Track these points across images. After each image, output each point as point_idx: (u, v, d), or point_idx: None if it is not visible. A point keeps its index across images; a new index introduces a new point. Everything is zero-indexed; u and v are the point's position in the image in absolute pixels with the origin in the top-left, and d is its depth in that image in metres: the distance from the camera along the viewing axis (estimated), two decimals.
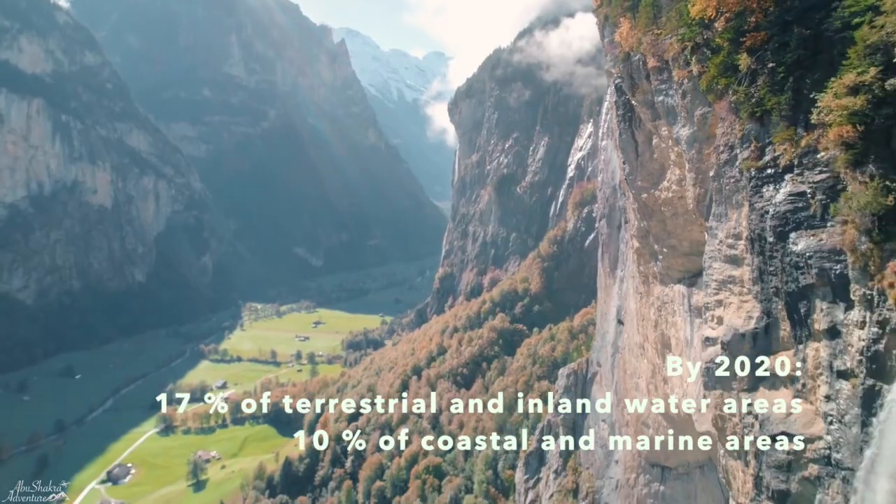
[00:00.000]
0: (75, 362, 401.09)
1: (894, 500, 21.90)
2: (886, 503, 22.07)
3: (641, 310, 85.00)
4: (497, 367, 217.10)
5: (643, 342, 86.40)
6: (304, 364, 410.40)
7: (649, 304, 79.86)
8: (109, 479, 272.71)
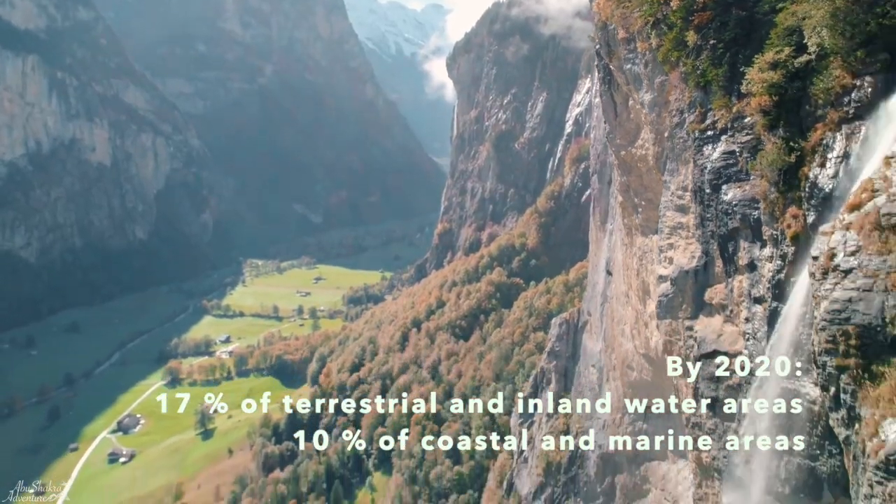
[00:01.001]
0: (80, 318, 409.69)
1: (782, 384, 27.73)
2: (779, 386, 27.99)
3: (626, 260, 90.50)
4: (494, 320, 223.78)
5: (628, 290, 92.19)
6: (306, 319, 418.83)
7: (632, 254, 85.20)
8: (119, 429, 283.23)
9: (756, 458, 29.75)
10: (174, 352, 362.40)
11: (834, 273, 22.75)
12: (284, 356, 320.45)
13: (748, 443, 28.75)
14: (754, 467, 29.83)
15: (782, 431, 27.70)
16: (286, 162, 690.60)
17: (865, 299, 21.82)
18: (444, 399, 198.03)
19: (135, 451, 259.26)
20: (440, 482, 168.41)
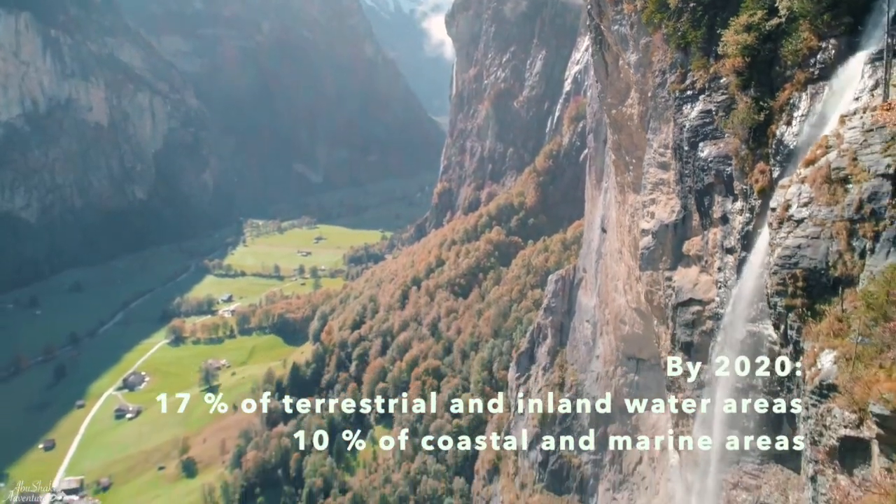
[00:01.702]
0: (82, 278, 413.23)
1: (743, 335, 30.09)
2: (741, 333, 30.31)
3: (619, 217, 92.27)
4: (493, 278, 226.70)
5: (621, 247, 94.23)
6: (307, 278, 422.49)
7: (625, 211, 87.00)
8: (125, 386, 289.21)
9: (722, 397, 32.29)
10: (177, 311, 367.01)
11: (788, 223, 24.67)
12: (286, 315, 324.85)
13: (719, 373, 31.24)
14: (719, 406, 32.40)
15: (747, 370, 30.04)
16: (285, 121, 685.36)
17: (813, 246, 23.78)
18: (443, 355, 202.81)
19: (141, 408, 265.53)
20: (440, 435, 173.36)
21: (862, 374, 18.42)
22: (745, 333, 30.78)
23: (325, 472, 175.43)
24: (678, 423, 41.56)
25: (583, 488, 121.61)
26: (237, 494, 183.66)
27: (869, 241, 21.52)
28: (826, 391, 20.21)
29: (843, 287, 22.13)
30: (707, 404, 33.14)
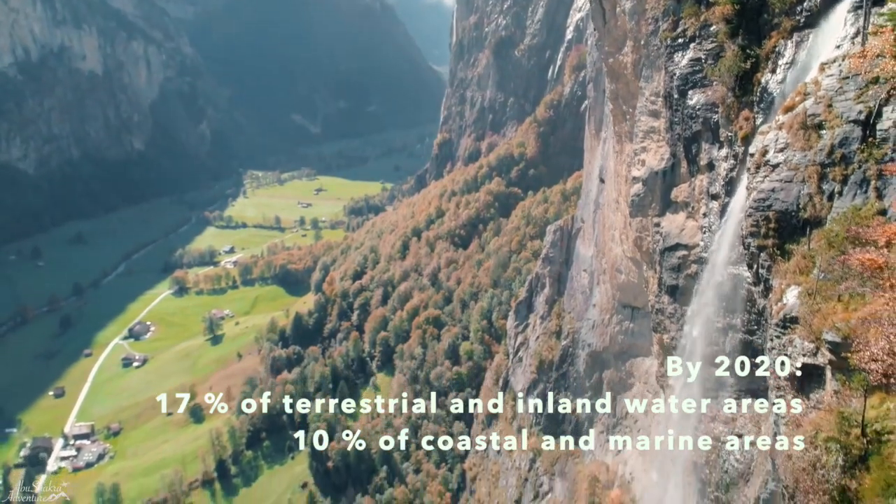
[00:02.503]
0: (84, 230, 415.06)
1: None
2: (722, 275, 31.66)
3: (616, 167, 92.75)
4: (493, 228, 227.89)
5: (618, 197, 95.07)
6: (308, 229, 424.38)
7: (622, 160, 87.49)
8: (131, 336, 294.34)
9: (703, 334, 33.87)
10: (179, 262, 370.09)
11: (764, 167, 25.64)
12: (288, 265, 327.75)
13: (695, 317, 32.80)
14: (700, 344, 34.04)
15: (727, 311, 31.54)
16: (282, 70, 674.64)
17: (786, 189, 24.83)
18: (443, 304, 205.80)
19: (147, 356, 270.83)
20: (440, 381, 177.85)
21: (821, 307, 19.77)
22: (726, 276, 32.13)
23: (328, 418, 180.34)
24: (663, 361, 43.34)
25: (578, 431, 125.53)
26: (244, 438, 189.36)
27: (838, 184, 22.58)
28: (789, 323, 21.62)
29: (811, 228, 23.32)
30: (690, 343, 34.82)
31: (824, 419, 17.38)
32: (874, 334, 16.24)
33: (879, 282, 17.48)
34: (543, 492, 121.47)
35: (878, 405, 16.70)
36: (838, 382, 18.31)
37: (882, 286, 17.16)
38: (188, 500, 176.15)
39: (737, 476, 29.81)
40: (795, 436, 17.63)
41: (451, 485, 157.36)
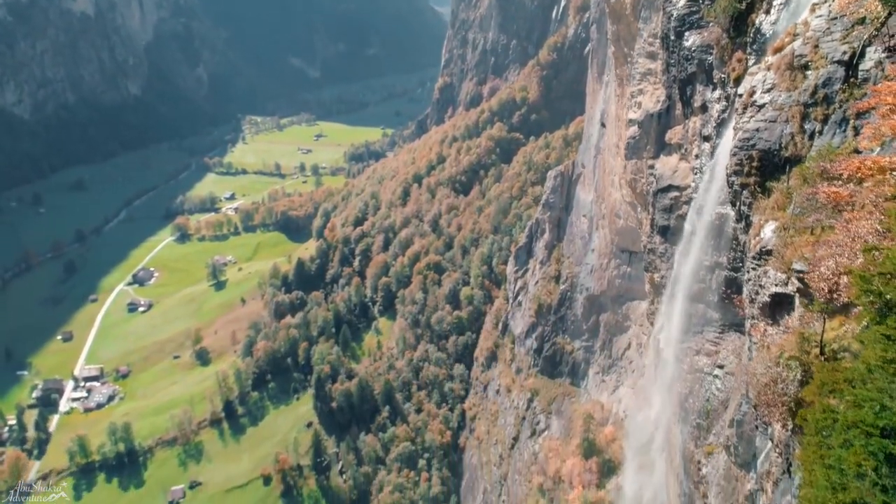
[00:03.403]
0: (84, 176, 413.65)
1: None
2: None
3: (617, 111, 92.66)
4: (494, 174, 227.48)
5: (618, 141, 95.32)
6: (308, 175, 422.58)
7: (623, 104, 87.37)
8: (135, 282, 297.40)
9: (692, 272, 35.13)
10: (180, 208, 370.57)
11: (751, 108, 26.25)
12: (289, 212, 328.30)
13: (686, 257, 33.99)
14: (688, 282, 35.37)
15: (714, 249, 32.66)
16: (280, 11, 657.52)
17: (770, 129, 25.51)
18: (444, 250, 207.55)
19: (152, 302, 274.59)
20: (441, 325, 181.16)
21: (794, 240, 20.81)
22: (714, 215, 33.08)
23: (331, 360, 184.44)
24: (654, 300, 44.76)
25: (574, 372, 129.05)
26: (249, 380, 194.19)
27: (819, 123, 23.27)
28: (764, 256, 22.72)
29: (791, 166, 24.15)
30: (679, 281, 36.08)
31: (788, 341, 18.68)
32: (823, 256, 17.36)
33: (841, 212, 18.47)
34: (540, 429, 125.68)
35: (837, 327, 17.97)
36: (803, 308, 19.54)
37: (843, 216, 18.15)
38: (197, 438, 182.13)
39: (717, 404, 31.56)
40: (762, 357, 18.98)
41: (452, 424, 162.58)
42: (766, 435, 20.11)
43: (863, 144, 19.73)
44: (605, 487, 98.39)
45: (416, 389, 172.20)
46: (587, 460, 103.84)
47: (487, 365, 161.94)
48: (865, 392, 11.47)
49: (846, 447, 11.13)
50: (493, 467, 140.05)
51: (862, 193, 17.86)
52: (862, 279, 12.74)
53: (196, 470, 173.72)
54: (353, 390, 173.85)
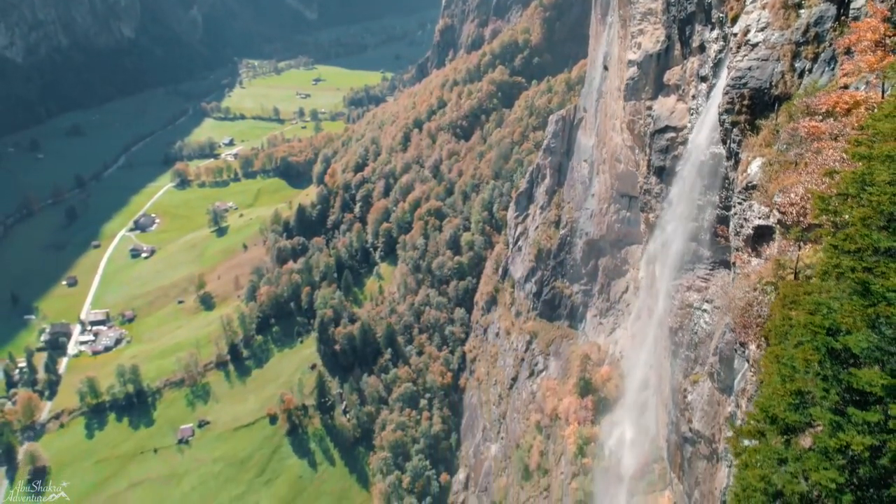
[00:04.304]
0: (80, 121, 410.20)
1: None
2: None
3: (620, 53, 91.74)
4: (495, 119, 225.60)
5: (620, 84, 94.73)
6: (308, 121, 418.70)
7: (625, 46, 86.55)
8: (137, 228, 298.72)
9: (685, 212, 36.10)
10: (179, 154, 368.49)
11: (745, 47, 26.65)
12: (289, 158, 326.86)
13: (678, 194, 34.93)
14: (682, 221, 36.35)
15: (707, 189, 33.50)
16: None
17: (762, 67, 26.02)
18: (445, 196, 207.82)
19: (154, 248, 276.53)
20: (441, 270, 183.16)
21: (778, 175, 21.69)
22: (708, 155, 33.76)
23: (334, 304, 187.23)
24: (649, 239, 45.89)
25: (573, 315, 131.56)
26: (253, 324, 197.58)
27: (809, 62, 23.78)
28: (749, 190, 23.64)
29: (780, 103, 24.76)
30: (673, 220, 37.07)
31: (766, 268, 19.79)
32: (794, 182, 18.33)
33: (817, 145, 19.30)
34: (538, 370, 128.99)
35: (812, 255, 19.04)
36: (782, 238, 20.59)
37: (813, 146, 19.01)
38: (204, 380, 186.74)
39: (704, 336, 33.01)
40: (742, 284, 20.15)
41: (452, 365, 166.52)
42: (744, 356, 21.50)
43: (842, 80, 20.36)
44: (600, 424, 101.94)
45: (417, 333, 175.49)
46: (583, 398, 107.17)
47: (487, 309, 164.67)
48: (818, 298, 12.63)
49: (797, 347, 12.36)
50: (492, 406, 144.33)
51: (835, 126, 18.61)
52: (821, 200, 13.72)
53: (204, 410, 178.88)
54: (355, 333, 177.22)
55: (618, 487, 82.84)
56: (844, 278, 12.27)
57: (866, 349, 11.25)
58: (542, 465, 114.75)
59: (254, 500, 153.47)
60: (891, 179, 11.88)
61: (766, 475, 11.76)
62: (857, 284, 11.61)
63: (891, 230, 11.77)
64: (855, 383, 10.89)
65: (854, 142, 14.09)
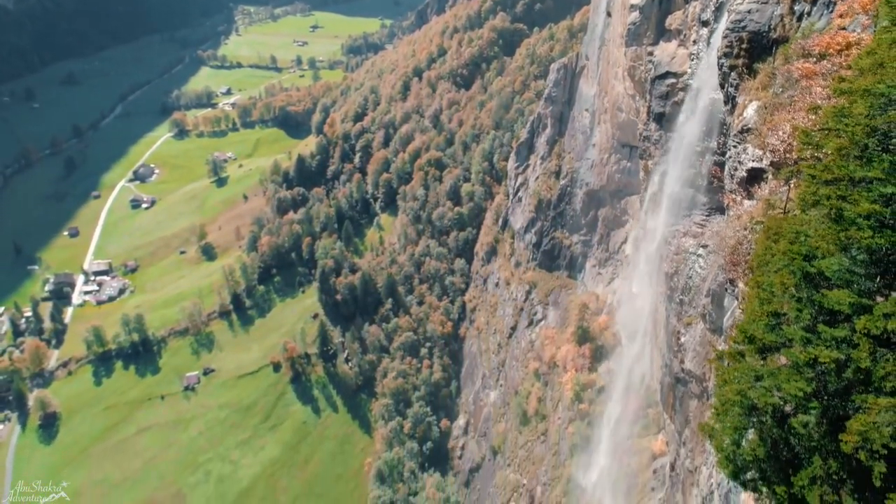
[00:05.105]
0: (75, 70, 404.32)
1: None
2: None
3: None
4: (496, 68, 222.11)
5: (622, 31, 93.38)
6: (306, 69, 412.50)
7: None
8: (136, 178, 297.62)
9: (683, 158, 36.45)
10: (176, 104, 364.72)
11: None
12: (287, 107, 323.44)
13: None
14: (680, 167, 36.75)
15: (705, 135, 33.78)
16: None
17: (761, 10, 26.02)
18: (445, 146, 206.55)
19: (155, 198, 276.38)
20: (442, 221, 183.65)
21: (772, 118, 22.06)
22: (708, 101, 33.91)
23: (335, 255, 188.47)
24: (647, 186, 46.35)
25: (572, 265, 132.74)
26: (255, 274, 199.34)
27: (808, 4, 23.81)
28: (744, 133, 24.04)
29: (777, 47, 24.90)
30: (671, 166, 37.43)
31: (757, 209, 20.41)
32: (782, 120, 18.80)
33: (806, 83, 19.67)
34: (537, 319, 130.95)
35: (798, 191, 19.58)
36: (773, 178, 21.13)
37: (801, 84, 19.40)
38: (208, 329, 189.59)
39: (699, 280, 33.80)
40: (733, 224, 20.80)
41: (452, 315, 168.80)
42: (733, 294, 22.33)
43: (837, 22, 20.55)
44: (597, 371, 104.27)
45: (417, 283, 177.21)
46: (581, 346, 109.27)
47: (487, 259, 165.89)
48: (797, 227, 13.33)
49: (776, 273, 13.13)
50: (491, 355, 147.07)
51: (827, 67, 18.95)
52: (804, 134, 14.23)
53: (208, 358, 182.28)
54: (356, 284, 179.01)
55: (613, 431, 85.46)
56: (820, 206, 12.94)
57: (837, 272, 12.01)
58: (539, 410, 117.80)
59: (259, 444, 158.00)
60: (867, 112, 12.40)
61: (742, 390, 12.72)
62: (832, 211, 12.29)
63: (864, 160, 12.37)
64: (826, 303, 11.68)
65: (839, 79, 14.49)
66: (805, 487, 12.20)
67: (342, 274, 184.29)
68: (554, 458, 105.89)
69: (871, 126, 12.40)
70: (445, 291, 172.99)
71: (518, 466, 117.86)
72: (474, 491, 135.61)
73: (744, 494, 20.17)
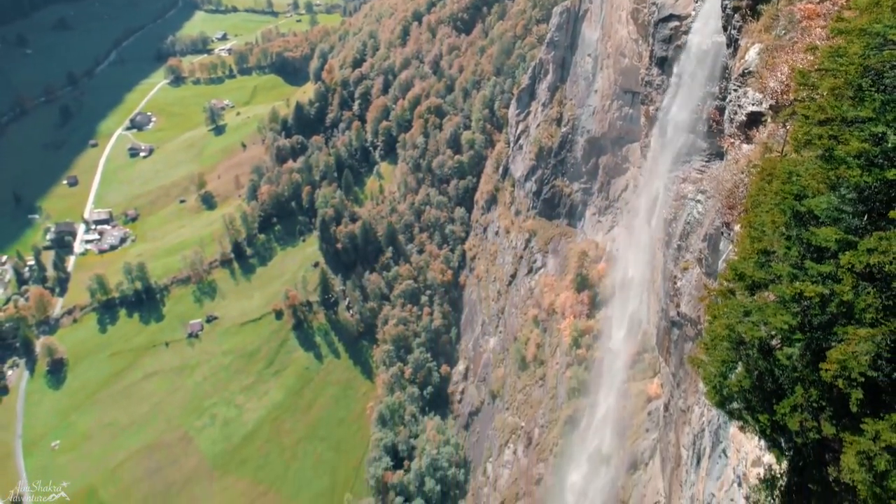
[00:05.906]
0: (67, 15, 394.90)
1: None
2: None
3: None
4: (497, 12, 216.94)
5: None
6: (303, 14, 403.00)
7: None
8: (133, 126, 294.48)
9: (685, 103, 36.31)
10: (171, 50, 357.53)
11: None
12: (285, 53, 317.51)
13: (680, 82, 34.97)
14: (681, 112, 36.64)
15: (708, 80, 33.54)
16: None
17: None
18: (445, 93, 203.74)
19: (153, 147, 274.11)
20: (442, 169, 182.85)
21: (773, 61, 21.98)
22: (710, 45, 33.53)
23: (335, 203, 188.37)
24: (648, 133, 46.20)
25: (572, 213, 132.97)
26: (256, 223, 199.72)
27: None
28: (745, 77, 23.97)
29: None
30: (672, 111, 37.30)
31: (755, 152, 20.59)
32: (780, 61, 18.82)
33: (806, 23, 19.58)
34: (537, 267, 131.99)
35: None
36: (772, 121, 21.22)
37: (800, 25, 19.32)
38: (210, 277, 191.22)
39: (696, 225, 34.16)
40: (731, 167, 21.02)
41: (452, 263, 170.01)
42: (728, 238, 22.73)
43: None
44: (595, 317, 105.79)
45: (417, 231, 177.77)
46: (579, 293, 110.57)
47: (487, 208, 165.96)
48: (790, 168, 13.62)
49: (768, 212, 13.49)
50: (491, 302, 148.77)
51: (828, 7, 18.83)
52: (801, 74, 14.34)
53: (211, 306, 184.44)
54: (356, 232, 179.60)
55: (610, 375, 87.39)
56: (813, 146, 13.18)
57: (826, 209, 12.36)
58: (538, 356, 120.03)
59: (263, 389, 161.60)
60: (861, 52, 12.49)
61: (731, 324, 13.24)
62: (823, 150, 12.53)
63: (857, 100, 12.53)
64: (814, 241, 12.07)
65: (837, 18, 14.48)
66: (787, 415, 12.88)
67: (342, 223, 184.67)
68: (551, 402, 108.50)
69: (865, 66, 12.51)
70: (445, 240, 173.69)
71: (516, 410, 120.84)
72: (474, 433, 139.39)
73: (732, 429, 21.06)
